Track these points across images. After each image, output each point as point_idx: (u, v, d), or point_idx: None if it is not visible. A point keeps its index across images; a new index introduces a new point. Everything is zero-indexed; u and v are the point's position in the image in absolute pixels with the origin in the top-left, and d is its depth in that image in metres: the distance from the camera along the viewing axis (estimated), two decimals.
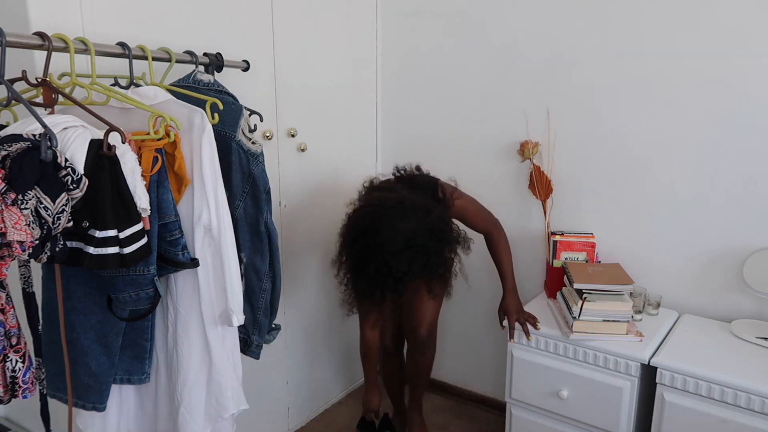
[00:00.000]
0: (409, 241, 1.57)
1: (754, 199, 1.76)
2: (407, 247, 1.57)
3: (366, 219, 1.63)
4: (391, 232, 1.57)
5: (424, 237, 1.59)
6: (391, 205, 1.63)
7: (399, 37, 2.38)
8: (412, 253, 1.58)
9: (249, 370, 1.60)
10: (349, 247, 1.68)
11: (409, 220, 1.59)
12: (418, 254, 1.59)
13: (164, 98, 1.27)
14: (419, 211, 1.62)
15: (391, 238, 1.57)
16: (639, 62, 1.87)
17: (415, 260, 1.59)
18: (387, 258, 1.56)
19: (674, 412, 1.57)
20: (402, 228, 1.57)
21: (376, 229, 1.57)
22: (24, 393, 1.06)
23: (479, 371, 2.47)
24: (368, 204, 1.70)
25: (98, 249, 1.05)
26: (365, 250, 1.59)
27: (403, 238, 1.57)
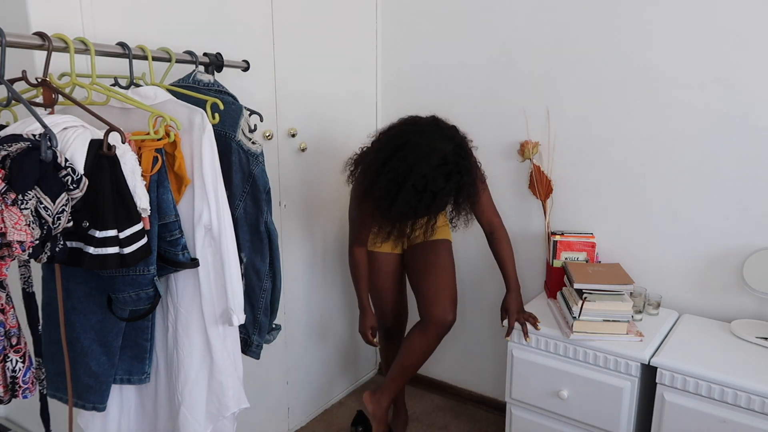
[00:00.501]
0: (445, 157, 1.58)
1: (754, 199, 1.76)
2: (444, 163, 1.58)
3: (403, 135, 1.63)
4: (429, 147, 1.58)
5: (458, 155, 1.61)
6: (427, 123, 1.66)
7: (399, 36, 2.39)
8: (449, 169, 1.59)
9: (249, 370, 1.60)
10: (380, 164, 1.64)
11: (444, 139, 1.61)
12: (453, 171, 1.60)
13: (164, 98, 1.27)
14: (452, 130, 1.66)
15: (428, 153, 1.57)
16: (639, 62, 1.87)
17: (451, 177, 1.59)
18: (425, 172, 1.56)
19: (674, 412, 1.57)
20: (439, 145, 1.59)
21: (415, 144, 1.59)
22: (24, 393, 1.06)
23: (479, 371, 2.47)
24: (402, 123, 1.70)
25: (98, 249, 1.05)
26: (402, 164, 1.58)
27: (440, 154, 1.58)
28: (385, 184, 1.63)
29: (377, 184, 1.65)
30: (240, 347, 1.44)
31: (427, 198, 1.59)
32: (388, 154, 1.63)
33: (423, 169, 1.56)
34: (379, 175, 1.64)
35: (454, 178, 1.60)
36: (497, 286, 2.31)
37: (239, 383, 1.38)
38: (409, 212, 1.64)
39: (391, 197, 1.62)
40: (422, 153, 1.58)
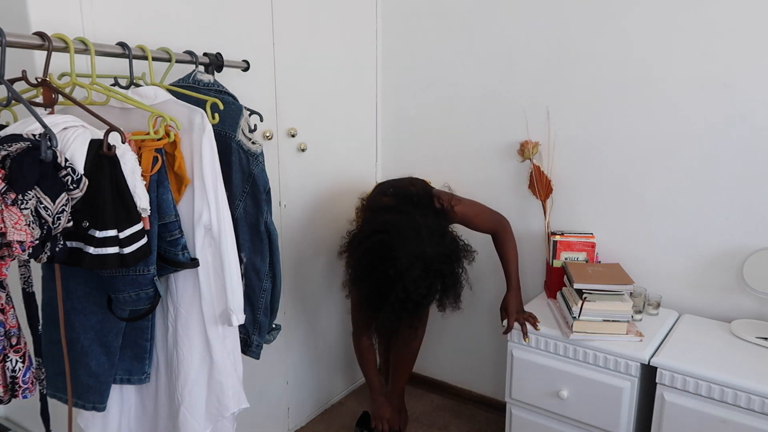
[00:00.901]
0: (427, 267, 1.61)
1: (754, 199, 1.76)
2: (425, 273, 1.62)
3: (382, 247, 1.65)
4: (409, 259, 1.60)
5: (440, 261, 1.64)
6: (406, 230, 1.65)
7: (399, 36, 2.38)
8: (431, 279, 1.63)
9: (249, 370, 1.60)
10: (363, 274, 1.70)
11: (424, 246, 1.62)
12: (436, 278, 1.64)
13: (164, 98, 1.28)
14: (434, 236, 1.65)
15: (409, 266, 1.60)
16: (639, 62, 1.87)
17: (433, 285, 1.64)
18: (407, 285, 1.60)
19: (674, 412, 1.57)
20: (419, 254, 1.61)
21: (394, 258, 1.60)
22: (24, 393, 1.06)
23: (479, 371, 2.47)
24: (381, 229, 1.69)
25: (98, 249, 1.05)
26: (383, 278, 1.62)
27: (421, 264, 1.61)
28: (370, 294, 1.70)
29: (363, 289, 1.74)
30: (240, 347, 1.44)
31: (411, 307, 1.64)
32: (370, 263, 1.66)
33: (405, 282, 1.60)
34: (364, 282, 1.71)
35: (436, 285, 1.65)
36: (497, 286, 2.31)
37: (239, 383, 1.38)
38: (395, 318, 1.68)
39: (376, 306, 1.69)
40: (404, 265, 1.60)
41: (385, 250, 1.63)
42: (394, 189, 1.90)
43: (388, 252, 1.62)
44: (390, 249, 1.62)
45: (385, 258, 1.62)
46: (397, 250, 1.61)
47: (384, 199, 1.89)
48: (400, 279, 1.59)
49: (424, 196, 1.83)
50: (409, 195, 1.83)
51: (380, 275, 1.63)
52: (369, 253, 1.68)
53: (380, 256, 1.63)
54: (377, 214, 1.82)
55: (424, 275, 1.61)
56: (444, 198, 1.84)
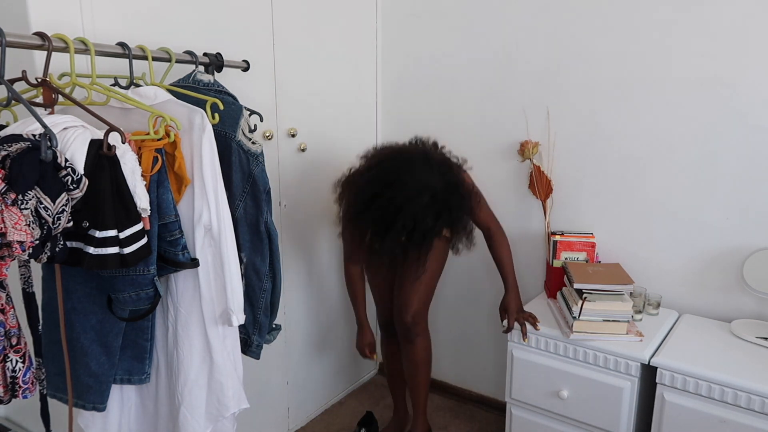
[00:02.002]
0: (435, 195, 1.57)
1: (754, 199, 1.76)
2: (433, 202, 1.58)
3: (392, 171, 1.61)
4: (419, 186, 1.56)
5: (448, 192, 1.60)
6: (417, 158, 1.62)
7: (399, 37, 2.38)
8: (438, 208, 1.59)
9: (249, 370, 1.60)
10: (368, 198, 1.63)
11: (434, 175, 1.59)
12: (444, 209, 1.59)
13: (164, 98, 1.27)
14: (443, 167, 1.63)
15: (417, 192, 1.56)
16: (639, 62, 1.87)
17: (441, 215, 1.60)
18: (415, 212, 1.56)
19: (674, 412, 1.57)
20: (429, 182, 1.57)
21: (404, 182, 1.57)
22: (24, 393, 1.06)
23: (479, 371, 2.47)
24: (393, 156, 1.67)
25: (98, 249, 1.05)
26: (390, 203, 1.58)
27: (429, 192, 1.57)
28: (375, 222, 1.64)
29: (366, 218, 1.66)
30: (240, 347, 1.44)
31: (417, 237, 1.61)
32: (376, 189, 1.61)
33: (412, 208, 1.56)
34: (368, 210, 1.64)
35: (443, 216, 1.61)
36: (497, 286, 2.31)
37: (239, 383, 1.38)
38: (399, 249, 1.66)
39: (380, 234, 1.64)
40: (411, 192, 1.56)
41: (393, 175, 1.60)
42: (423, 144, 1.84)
43: (396, 177, 1.59)
44: (398, 175, 1.59)
45: (392, 183, 1.58)
46: (405, 176, 1.58)
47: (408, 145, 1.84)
48: (408, 205, 1.56)
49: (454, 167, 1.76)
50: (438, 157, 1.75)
51: (386, 202, 1.59)
52: (375, 179, 1.64)
53: (388, 182, 1.60)
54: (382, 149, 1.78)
55: (431, 203, 1.58)
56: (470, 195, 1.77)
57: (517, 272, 1.99)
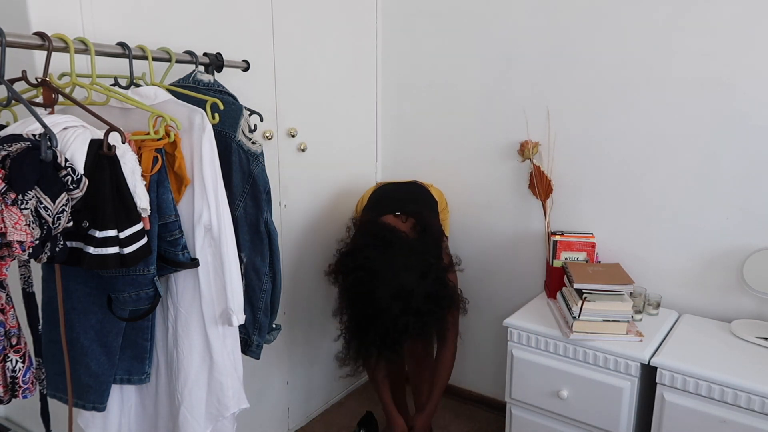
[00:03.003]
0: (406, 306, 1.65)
1: (754, 199, 1.76)
2: (403, 313, 1.65)
3: (361, 285, 1.69)
4: (387, 300, 1.64)
5: (419, 302, 1.66)
6: (385, 270, 1.68)
7: (399, 36, 2.38)
8: (408, 318, 1.66)
9: (249, 370, 1.60)
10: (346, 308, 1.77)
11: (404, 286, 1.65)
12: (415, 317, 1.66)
13: (164, 98, 1.28)
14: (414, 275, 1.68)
15: (387, 306, 1.64)
16: (639, 62, 1.87)
17: (411, 323, 1.66)
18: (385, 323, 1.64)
19: (674, 412, 1.57)
20: (397, 294, 1.64)
21: (372, 296, 1.65)
22: (24, 393, 1.06)
23: (479, 371, 2.47)
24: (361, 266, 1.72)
25: (98, 249, 1.05)
26: (362, 316, 1.68)
27: (399, 304, 1.64)
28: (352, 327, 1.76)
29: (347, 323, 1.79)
30: (240, 347, 1.44)
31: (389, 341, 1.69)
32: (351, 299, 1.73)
33: (384, 320, 1.65)
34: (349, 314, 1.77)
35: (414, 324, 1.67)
36: (497, 286, 2.31)
37: (239, 383, 1.38)
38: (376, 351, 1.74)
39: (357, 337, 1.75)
40: (382, 304, 1.65)
41: (363, 289, 1.69)
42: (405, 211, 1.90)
43: (366, 292, 1.68)
44: (368, 288, 1.67)
45: (363, 297, 1.68)
46: (376, 290, 1.66)
47: (388, 217, 1.89)
48: (378, 318, 1.65)
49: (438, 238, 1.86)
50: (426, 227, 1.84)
51: (359, 313, 1.70)
52: (350, 289, 1.75)
53: (359, 294, 1.70)
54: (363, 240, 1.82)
55: (401, 314, 1.65)
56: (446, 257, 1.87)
57: (517, 272, 1.99)
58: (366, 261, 1.72)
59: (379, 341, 1.69)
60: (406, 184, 2.14)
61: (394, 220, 1.88)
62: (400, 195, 2.05)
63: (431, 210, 2.03)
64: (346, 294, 1.78)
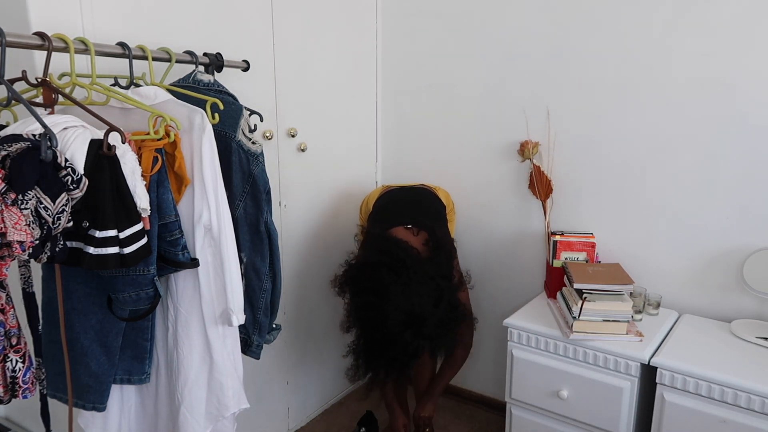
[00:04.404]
0: (417, 333, 1.63)
1: (754, 199, 1.76)
2: (414, 338, 1.64)
3: (372, 309, 1.67)
4: (399, 327, 1.62)
5: (431, 328, 1.66)
6: (398, 296, 1.64)
7: (399, 36, 2.38)
8: (419, 342, 1.65)
9: (249, 370, 1.60)
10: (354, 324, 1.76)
11: (415, 314, 1.64)
12: (425, 341, 1.66)
13: (164, 98, 1.28)
14: (427, 303, 1.66)
15: (399, 332, 1.63)
16: (639, 62, 1.87)
17: (421, 347, 1.66)
18: (396, 349, 1.64)
19: (674, 412, 1.57)
20: (409, 322, 1.63)
21: (384, 322, 1.63)
22: (24, 393, 1.06)
23: (479, 371, 2.47)
24: (373, 288, 1.69)
25: (98, 249, 1.05)
26: (371, 339, 1.67)
27: (410, 333, 1.63)
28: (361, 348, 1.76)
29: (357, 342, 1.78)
30: (240, 347, 1.44)
31: (398, 365, 1.69)
32: (360, 320, 1.71)
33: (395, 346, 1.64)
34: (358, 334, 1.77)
35: (425, 346, 1.68)
36: (497, 286, 2.31)
37: (239, 383, 1.38)
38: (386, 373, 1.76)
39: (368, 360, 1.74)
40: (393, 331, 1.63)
41: (374, 312, 1.66)
42: (416, 223, 1.85)
43: (378, 315, 1.65)
44: (380, 313, 1.65)
45: (373, 320, 1.66)
46: (388, 316, 1.64)
47: (399, 230, 1.84)
48: (389, 343, 1.64)
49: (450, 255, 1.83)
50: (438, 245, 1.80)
51: (368, 335, 1.69)
52: (360, 310, 1.72)
53: (369, 318, 1.67)
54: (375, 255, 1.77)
55: (412, 341, 1.64)
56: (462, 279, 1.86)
57: (517, 272, 1.98)
58: (377, 284, 1.68)
59: (388, 365, 1.69)
60: (413, 189, 2.08)
61: (405, 234, 1.82)
62: (407, 202, 1.99)
63: (440, 218, 1.98)
64: (355, 313, 1.76)
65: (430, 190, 2.08)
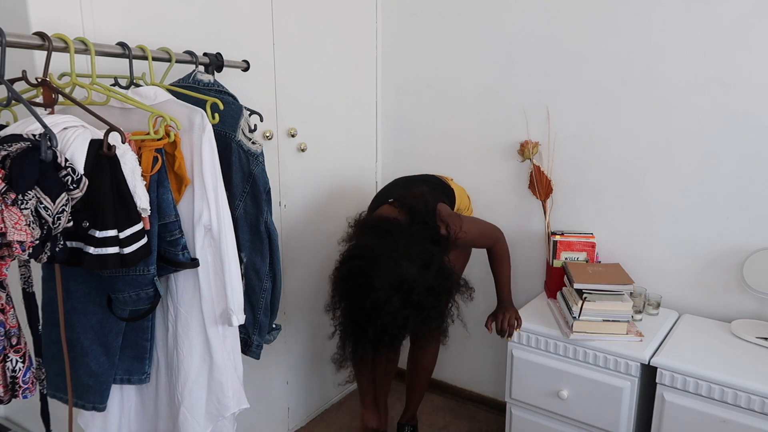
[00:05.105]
0: (406, 299, 1.51)
1: (754, 199, 1.76)
2: (403, 306, 1.52)
3: (359, 275, 1.54)
4: (387, 292, 1.50)
5: (421, 293, 1.53)
6: (385, 258, 1.53)
7: (399, 36, 2.38)
8: (409, 311, 1.53)
9: (249, 370, 1.60)
10: (340, 300, 1.64)
11: (404, 276, 1.51)
12: (416, 311, 1.54)
13: (164, 98, 1.27)
14: (416, 265, 1.53)
15: (386, 299, 1.50)
16: (639, 62, 1.87)
17: (411, 317, 1.55)
18: (383, 319, 1.52)
19: (674, 412, 1.57)
20: (398, 286, 1.51)
21: (370, 288, 1.51)
22: (24, 393, 1.06)
23: (479, 371, 2.47)
24: (359, 254, 1.58)
25: (98, 249, 1.05)
26: (359, 309, 1.54)
27: (399, 297, 1.51)
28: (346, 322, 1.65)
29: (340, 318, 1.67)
30: (240, 347, 1.44)
31: (386, 339, 1.58)
32: (346, 291, 1.59)
33: (381, 316, 1.52)
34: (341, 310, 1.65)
35: (414, 318, 1.56)
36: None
37: (239, 383, 1.38)
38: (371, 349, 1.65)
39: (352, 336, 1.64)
40: (380, 297, 1.50)
41: (361, 279, 1.53)
42: (398, 198, 1.76)
43: (365, 282, 1.52)
44: (367, 278, 1.52)
45: (361, 287, 1.53)
46: (375, 280, 1.51)
47: (383, 208, 1.77)
48: (377, 312, 1.51)
49: (427, 215, 1.68)
50: (412, 210, 1.68)
51: (355, 305, 1.56)
52: (345, 280, 1.59)
53: (356, 285, 1.54)
54: (362, 233, 1.69)
55: (401, 308, 1.52)
56: (452, 224, 1.68)
57: (516, 272, 1.98)
58: (364, 250, 1.58)
59: (377, 337, 1.56)
60: (418, 176, 2.01)
61: (388, 209, 1.75)
62: (397, 186, 1.92)
63: (436, 190, 1.89)
64: (341, 283, 1.62)
65: (438, 177, 2.01)
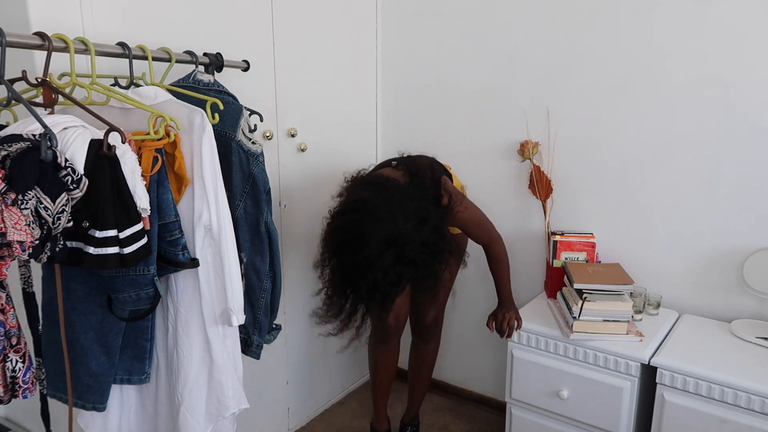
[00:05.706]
0: (399, 255, 1.44)
1: (754, 199, 1.76)
2: (396, 262, 1.45)
3: (352, 228, 1.46)
4: (380, 246, 1.43)
5: (415, 250, 1.46)
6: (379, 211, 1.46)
7: (399, 36, 2.38)
8: (402, 268, 1.46)
9: (249, 370, 1.60)
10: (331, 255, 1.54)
11: (399, 231, 1.44)
12: (409, 268, 1.47)
13: (164, 98, 1.27)
14: (411, 220, 1.46)
15: (379, 253, 1.43)
16: (639, 62, 1.87)
17: (404, 274, 1.48)
18: (376, 274, 1.44)
19: (674, 412, 1.57)
20: (391, 240, 1.43)
21: (364, 242, 1.43)
22: (24, 393, 1.06)
23: (479, 371, 2.47)
24: (353, 208, 1.51)
25: (98, 249, 1.05)
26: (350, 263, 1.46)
27: (392, 252, 1.43)
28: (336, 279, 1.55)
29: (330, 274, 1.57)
30: (240, 347, 1.44)
31: (378, 296, 1.50)
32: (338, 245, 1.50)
33: (374, 271, 1.44)
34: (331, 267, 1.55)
35: (407, 274, 1.48)
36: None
37: (239, 383, 1.38)
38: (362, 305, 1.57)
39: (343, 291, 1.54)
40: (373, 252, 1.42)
41: (354, 232, 1.45)
42: (401, 160, 1.70)
43: (358, 235, 1.44)
44: (360, 232, 1.44)
45: (353, 241, 1.44)
46: (368, 234, 1.43)
47: (385, 170, 1.71)
48: (369, 267, 1.43)
49: (430, 178, 1.63)
50: (415, 174, 1.62)
51: (347, 260, 1.47)
52: (338, 233, 1.51)
53: (349, 239, 1.46)
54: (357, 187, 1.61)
55: (394, 264, 1.44)
56: (454, 197, 1.65)
57: (516, 272, 1.98)
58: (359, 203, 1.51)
59: (368, 294, 1.49)
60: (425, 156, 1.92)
61: (390, 171, 1.69)
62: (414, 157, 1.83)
63: (441, 166, 1.85)
64: (332, 237, 1.53)
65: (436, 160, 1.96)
